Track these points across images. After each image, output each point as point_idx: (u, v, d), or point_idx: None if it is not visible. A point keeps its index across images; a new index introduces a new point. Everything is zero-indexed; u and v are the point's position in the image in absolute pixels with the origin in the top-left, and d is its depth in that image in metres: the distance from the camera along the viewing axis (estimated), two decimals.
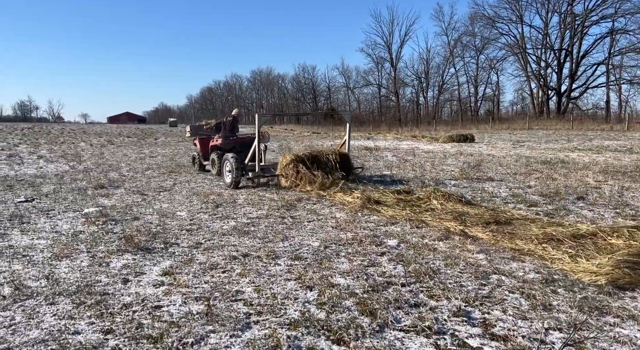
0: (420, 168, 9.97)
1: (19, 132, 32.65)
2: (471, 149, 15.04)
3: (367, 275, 3.37)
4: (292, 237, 4.56)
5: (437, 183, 7.66)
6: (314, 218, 5.36)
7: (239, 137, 9.23)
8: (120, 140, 26.11)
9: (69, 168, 11.75)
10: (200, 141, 10.05)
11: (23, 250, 4.32)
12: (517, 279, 3.22)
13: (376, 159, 12.40)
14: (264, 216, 5.55)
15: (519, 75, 49.05)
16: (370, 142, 20.77)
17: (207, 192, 7.33)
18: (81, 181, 9.17)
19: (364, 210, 5.55)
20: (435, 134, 25.25)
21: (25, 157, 14.97)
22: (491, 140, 19.70)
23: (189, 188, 7.94)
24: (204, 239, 4.57)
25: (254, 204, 6.33)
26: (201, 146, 9.99)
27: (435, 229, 4.52)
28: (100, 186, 8.20)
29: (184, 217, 5.63)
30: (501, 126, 38.01)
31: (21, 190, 8.02)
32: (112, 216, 5.70)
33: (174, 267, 3.75)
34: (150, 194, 7.43)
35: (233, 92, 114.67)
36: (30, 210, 6.22)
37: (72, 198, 7.18)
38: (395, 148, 16.67)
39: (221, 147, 8.98)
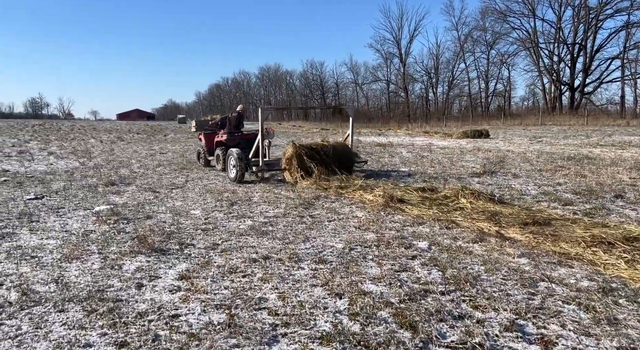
0: (438, 164, 9.65)
1: (29, 128, 32.81)
2: (488, 145, 14.65)
3: (400, 282, 3.10)
4: (314, 238, 4.30)
5: (460, 180, 7.34)
6: (335, 217, 5.09)
7: (243, 134, 9.21)
8: (130, 137, 26.05)
9: (79, 164, 11.60)
10: (205, 136, 9.99)
11: (32, 251, 4.10)
12: (569, 287, 2.92)
13: (391, 155, 12.08)
14: (281, 215, 5.29)
15: (531, 70, 48.23)
16: (382, 138, 20.43)
17: (221, 190, 7.10)
18: (91, 178, 9.00)
19: (386, 209, 5.26)
20: (447, 130, 24.81)
21: (35, 153, 14.89)
22: (506, 136, 19.25)
23: (202, 185, 7.71)
24: (220, 240, 4.32)
25: (270, 202, 6.07)
26: (206, 141, 9.94)
27: (468, 230, 4.22)
28: (111, 183, 8.01)
29: (198, 215, 5.39)
30: (513, 122, 37.37)
31: (31, 187, 7.86)
32: (123, 215, 5.48)
33: (190, 271, 3.50)
34: (163, 191, 7.21)
35: (241, 89, 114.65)
36: (39, 208, 6.03)
37: (82, 195, 6.98)
38: (409, 144, 16.32)
39: (226, 143, 8.94)
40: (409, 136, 21.94)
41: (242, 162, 7.58)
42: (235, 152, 7.76)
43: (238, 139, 8.94)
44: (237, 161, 7.62)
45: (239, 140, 8.92)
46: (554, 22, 44.62)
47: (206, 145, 9.97)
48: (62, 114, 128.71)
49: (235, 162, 7.71)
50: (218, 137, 9.34)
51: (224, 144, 9.05)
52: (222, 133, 9.21)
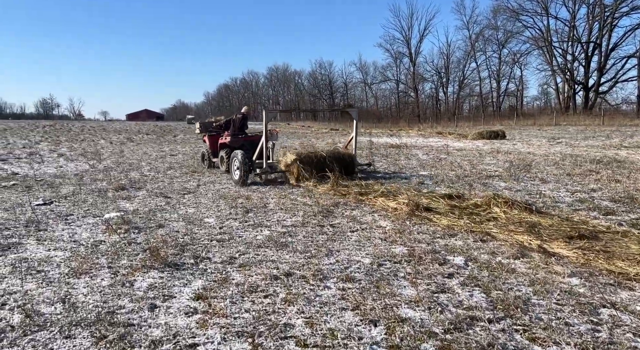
0: (459, 168, 9.29)
1: (40, 129, 32.95)
2: (506, 147, 14.24)
3: (441, 306, 2.78)
4: (337, 252, 3.99)
5: (485, 185, 6.99)
6: (357, 227, 4.78)
7: (247, 136, 9.20)
8: (139, 138, 25.98)
9: (88, 167, 11.43)
10: (209, 138, 9.96)
11: (38, 264, 3.86)
12: (637, 315, 2.58)
13: (407, 157, 11.74)
14: (300, 224, 4.99)
15: (544, 69, 47.43)
16: (395, 139, 20.06)
17: (235, 195, 6.83)
18: (101, 182, 8.79)
19: (412, 218, 4.94)
20: (460, 131, 24.34)
21: (45, 155, 14.79)
22: (522, 137, 18.78)
23: (214, 190, 7.45)
24: (237, 253, 4.04)
25: (287, 209, 5.78)
26: (210, 143, 9.94)
27: (507, 244, 3.89)
28: (121, 187, 7.78)
29: (212, 224, 5.11)
30: (526, 122, 36.74)
31: (40, 192, 7.66)
32: (134, 223, 5.22)
33: (207, 289, 3.22)
34: (174, 196, 6.96)
35: (249, 89, 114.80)
36: (47, 214, 5.81)
37: (91, 201, 6.76)
38: (424, 145, 15.94)
39: (230, 145, 8.94)
40: (422, 137, 21.53)
41: (245, 164, 7.58)
42: (240, 154, 7.74)
43: (242, 141, 8.93)
44: (240, 163, 7.62)
45: (243, 142, 8.91)
46: (567, 21, 43.86)
47: (210, 147, 9.97)
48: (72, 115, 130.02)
49: (239, 164, 7.70)
50: (222, 139, 9.30)
51: (228, 145, 9.03)
52: (227, 135, 9.18)
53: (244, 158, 7.65)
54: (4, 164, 12.06)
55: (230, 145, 8.96)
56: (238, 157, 7.75)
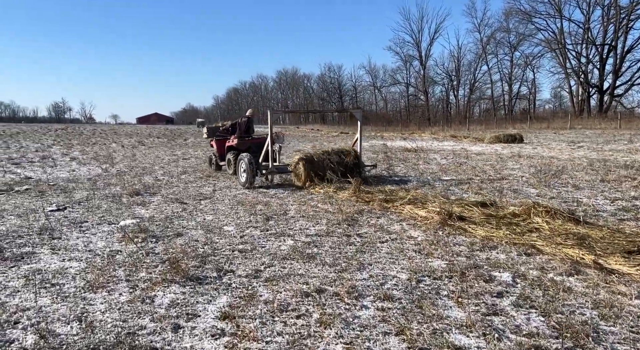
0: (482, 173, 8.96)
1: (52, 133, 33.17)
2: (526, 151, 13.84)
3: (497, 332, 2.49)
4: (369, 265, 3.72)
5: (515, 192, 6.66)
6: (387, 237, 4.50)
7: (254, 138, 9.34)
8: (150, 141, 25.98)
9: (101, 171, 11.30)
10: (216, 142, 10.16)
11: (52, 276, 3.64)
12: None
13: (426, 161, 11.42)
14: (324, 233, 4.72)
15: (558, 72, 46.75)
16: (409, 143, 19.72)
17: (253, 201, 6.58)
18: (115, 186, 8.62)
19: (444, 228, 4.64)
20: (474, 134, 23.92)
21: (58, 159, 14.73)
22: (540, 141, 18.34)
23: (231, 196, 7.22)
24: (262, 265, 3.78)
25: (309, 216, 5.52)
26: (218, 147, 10.12)
27: (556, 259, 3.58)
28: (135, 193, 7.59)
29: (232, 233, 4.87)
30: (540, 125, 36.13)
31: (53, 197, 7.50)
32: (151, 231, 5.00)
33: (233, 307, 2.97)
34: (190, 202, 6.74)
35: (259, 93, 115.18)
36: (61, 221, 5.62)
37: (106, 206, 6.57)
38: (440, 149, 15.60)
39: (237, 147, 9.09)
40: (436, 140, 21.17)
41: (252, 166, 7.65)
42: (246, 157, 7.82)
43: (249, 143, 9.05)
44: (247, 166, 7.69)
45: (249, 144, 9.03)
46: (581, 23, 43.23)
47: (218, 150, 10.15)
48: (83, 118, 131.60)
49: (245, 166, 7.77)
50: (229, 142, 9.44)
51: (235, 148, 9.17)
52: (233, 138, 9.31)
53: (250, 161, 7.70)
54: (18, 168, 11.99)
55: (237, 148, 9.07)
56: (245, 160, 7.81)
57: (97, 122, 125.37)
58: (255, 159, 7.88)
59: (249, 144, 9.04)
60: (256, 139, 9.30)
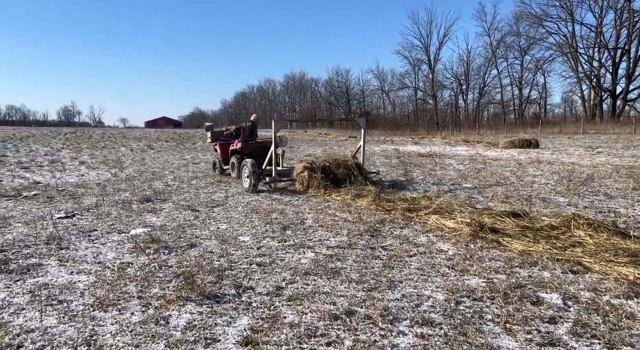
0: (504, 180, 8.62)
1: (62, 136, 33.29)
2: (545, 156, 13.46)
3: None
4: (400, 282, 3.43)
5: (544, 201, 6.33)
6: (414, 250, 4.21)
7: (258, 142, 9.42)
8: (159, 145, 25.91)
9: (110, 176, 11.13)
10: (220, 146, 10.20)
11: (60, 291, 3.40)
12: None
13: (442, 167, 11.10)
14: (346, 245, 4.44)
15: (570, 76, 46.13)
16: (420, 147, 19.40)
17: (268, 209, 6.32)
18: (124, 192, 8.42)
19: (476, 241, 4.34)
20: (487, 139, 23.50)
21: (67, 163, 14.61)
22: (556, 146, 17.90)
23: (244, 203, 6.97)
24: (283, 281, 3.51)
25: (328, 226, 5.24)
26: (222, 151, 10.17)
27: (609, 278, 3.26)
28: (145, 199, 7.37)
29: (249, 243, 4.61)
30: (552, 130, 35.55)
31: (61, 203, 7.31)
32: (163, 241, 4.75)
33: (255, 330, 2.70)
34: (203, 209, 6.50)
35: (266, 97, 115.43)
36: (70, 229, 5.39)
37: (115, 213, 6.35)
38: (455, 155, 15.24)
39: (241, 152, 9.17)
40: (448, 145, 20.79)
41: (255, 172, 7.68)
42: (250, 162, 7.86)
43: (253, 147, 9.14)
44: (250, 171, 7.73)
45: (253, 148, 9.12)
46: (593, 26, 42.63)
47: (222, 155, 10.19)
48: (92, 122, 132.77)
49: (249, 172, 7.81)
50: (233, 146, 9.53)
51: (239, 152, 9.25)
52: (237, 142, 9.38)
53: (254, 166, 7.74)
54: (27, 172, 11.86)
55: (241, 151, 9.15)
56: (248, 165, 7.84)
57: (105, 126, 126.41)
58: (258, 164, 7.92)
59: (252, 148, 9.13)
60: (260, 143, 9.35)
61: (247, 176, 7.90)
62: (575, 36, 43.22)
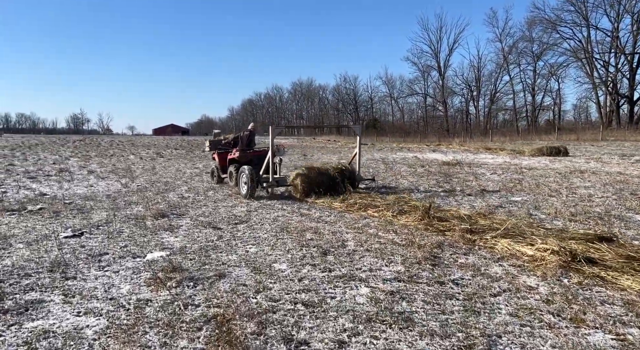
0: (555, 193, 7.83)
1: (70, 144, 32.94)
2: (581, 165, 12.63)
3: None
4: (498, 337, 2.66)
5: (622, 220, 5.52)
6: (495, 287, 3.44)
7: (255, 150, 9.54)
8: (169, 153, 25.37)
9: (121, 186, 10.48)
10: (218, 155, 10.25)
11: (63, 342, 2.69)
12: None
13: (476, 177, 10.31)
14: (406, 277, 3.68)
15: (585, 82, 45.16)
16: (440, 155, 18.59)
17: (299, 227, 5.59)
18: (136, 205, 7.74)
19: (569, 274, 3.56)
20: (510, 146, 22.63)
21: (75, 172, 14.02)
22: (586, 153, 17.01)
23: (270, 219, 6.25)
24: (344, 331, 2.77)
25: (375, 250, 4.49)
26: (220, 160, 10.20)
27: None
28: (160, 214, 6.68)
29: (287, 273, 3.87)
30: (568, 137, 34.64)
31: (69, 218, 6.64)
32: (186, 269, 4.03)
33: None
34: (225, 227, 5.79)
35: (273, 104, 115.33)
36: (77, 252, 4.70)
37: (128, 231, 5.66)
38: (482, 163, 14.43)
39: (239, 160, 9.25)
40: (469, 153, 19.95)
41: (253, 179, 7.82)
42: (247, 169, 7.99)
43: (250, 156, 9.24)
44: (248, 178, 7.87)
45: (251, 157, 9.21)
46: (609, 31, 41.74)
47: (220, 163, 10.21)
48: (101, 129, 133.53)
49: (246, 178, 7.95)
50: (231, 155, 9.60)
51: (236, 161, 9.33)
52: (235, 150, 9.47)
53: (251, 173, 7.88)
54: (33, 182, 11.26)
55: (239, 160, 9.24)
56: (245, 172, 8.00)
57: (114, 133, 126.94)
58: (256, 171, 8.06)
59: (250, 156, 9.24)
60: (257, 151, 9.47)
61: (245, 182, 8.03)
62: (591, 41, 42.35)
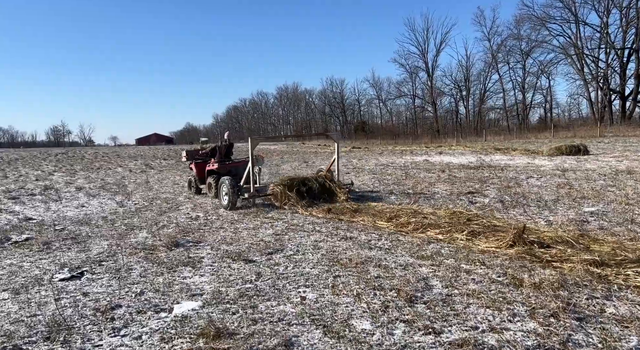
0: (625, 198, 6.95)
1: (52, 158, 31.26)
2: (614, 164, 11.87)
3: None
4: None
5: None
6: None
7: (234, 161, 9.70)
8: (158, 164, 24.09)
9: (116, 206, 9.32)
10: (196, 166, 10.21)
11: None
12: None
13: (517, 183, 9.40)
14: (553, 343, 2.67)
15: (576, 78, 45.17)
16: (452, 158, 17.74)
17: (353, 258, 4.56)
18: (140, 230, 6.65)
19: None
20: (523, 146, 21.96)
21: (62, 189, 12.74)
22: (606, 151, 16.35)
23: (310, 245, 5.22)
24: None
25: (476, 295, 3.48)
26: (197, 170, 10.17)
27: None
28: (173, 242, 5.60)
29: (377, 337, 2.86)
30: (565, 134, 34.40)
31: (63, 251, 5.53)
32: (235, 332, 2.99)
33: None
34: (258, 259, 4.74)
35: (259, 110, 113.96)
36: (80, 306, 3.62)
37: (140, 269, 4.59)
38: (505, 165, 13.56)
39: (217, 171, 9.35)
40: (479, 154, 19.13)
41: (234, 190, 7.85)
42: (228, 180, 8.05)
43: (229, 167, 9.34)
44: (229, 189, 7.89)
45: (230, 168, 9.32)
46: (598, 26, 41.80)
47: (197, 174, 10.19)
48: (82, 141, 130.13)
49: (227, 189, 7.99)
50: (209, 166, 9.64)
51: (215, 172, 9.39)
52: (213, 162, 9.52)
53: (231, 183, 7.92)
54: (16, 204, 10.01)
55: (218, 172, 9.33)
56: (226, 183, 8.03)
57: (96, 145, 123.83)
58: (236, 182, 8.10)
59: (229, 167, 9.34)
60: (236, 162, 9.61)
61: (226, 194, 8.05)
62: (581, 37, 42.38)
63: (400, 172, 13.09)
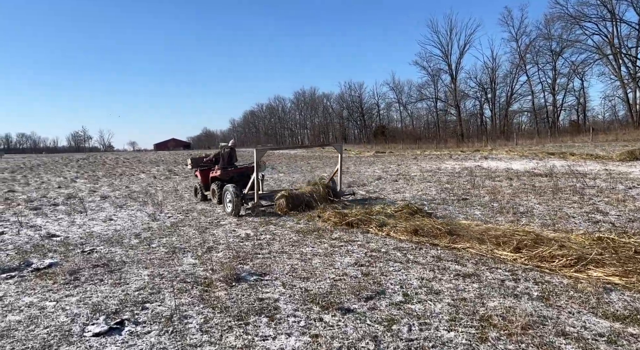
0: None
1: (74, 163, 30.71)
2: None
3: None
4: None
5: None
6: None
7: (237, 168, 9.63)
8: (181, 169, 23.11)
9: (148, 219, 8.19)
10: (201, 173, 10.25)
11: None
12: None
13: (630, 197, 7.92)
14: None
15: (613, 79, 42.91)
16: (504, 164, 16.24)
17: (506, 314, 3.24)
18: (185, 253, 5.49)
19: None
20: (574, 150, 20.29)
21: (86, 198, 11.73)
22: None
23: (419, 284, 3.95)
24: None
25: None
26: (202, 177, 10.21)
27: None
28: (233, 276, 4.41)
29: None
30: (606, 137, 32.31)
31: (93, 284, 4.39)
32: None
33: None
34: (357, 306, 3.49)
35: (276, 114, 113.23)
36: None
37: (199, 319, 3.39)
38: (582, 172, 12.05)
39: (220, 178, 9.30)
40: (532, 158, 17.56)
41: (238, 197, 7.82)
42: (231, 187, 8.04)
43: (232, 174, 9.31)
44: (232, 196, 7.87)
45: (233, 175, 9.27)
46: (637, 24, 39.58)
47: (202, 181, 10.22)
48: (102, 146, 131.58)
49: (231, 197, 7.96)
50: (213, 173, 9.62)
51: (219, 178, 9.36)
52: (217, 168, 9.55)
53: (235, 191, 7.90)
54: (37, 216, 8.99)
55: (221, 178, 9.29)
56: (230, 190, 8.01)
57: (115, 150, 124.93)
58: (240, 190, 8.05)
59: (232, 174, 9.30)
60: (238, 169, 9.53)
61: (230, 201, 8.02)
62: (620, 36, 40.21)
63: (461, 180, 11.69)
